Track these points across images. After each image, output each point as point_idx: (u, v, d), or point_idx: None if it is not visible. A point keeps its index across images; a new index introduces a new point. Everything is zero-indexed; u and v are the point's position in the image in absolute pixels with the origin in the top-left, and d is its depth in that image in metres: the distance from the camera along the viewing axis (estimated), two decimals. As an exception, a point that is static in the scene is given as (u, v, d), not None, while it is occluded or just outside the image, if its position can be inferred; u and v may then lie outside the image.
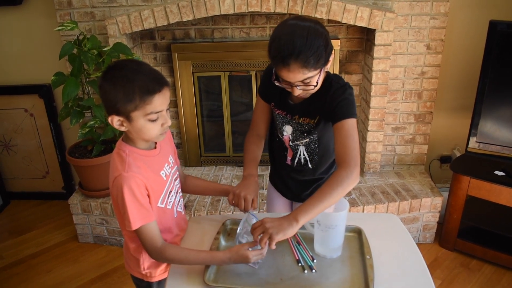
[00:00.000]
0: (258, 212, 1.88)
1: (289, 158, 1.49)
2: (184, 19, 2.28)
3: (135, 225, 1.14)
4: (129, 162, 1.15)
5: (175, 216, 1.35)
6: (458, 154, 2.74)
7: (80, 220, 2.55)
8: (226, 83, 2.65)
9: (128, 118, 1.12)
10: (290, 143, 1.45)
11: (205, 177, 2.75)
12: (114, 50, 2.23)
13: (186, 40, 2.57)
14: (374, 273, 1.13)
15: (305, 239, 1.29)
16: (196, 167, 2.88)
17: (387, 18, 2.24)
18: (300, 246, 1.27)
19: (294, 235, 1.30)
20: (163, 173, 1.26)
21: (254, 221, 1.22)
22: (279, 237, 1.11)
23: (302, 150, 1.45)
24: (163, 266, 1.36)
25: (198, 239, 1.33)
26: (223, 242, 1.30)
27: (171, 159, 1.33)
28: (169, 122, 1.17)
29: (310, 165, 1.47)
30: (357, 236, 1.31)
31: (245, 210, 1.29)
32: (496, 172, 2.28)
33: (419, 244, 2.52)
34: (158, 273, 1.37)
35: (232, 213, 2.33)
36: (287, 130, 1.43)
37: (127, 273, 2.33)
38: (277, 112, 1.44)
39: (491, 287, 2.22)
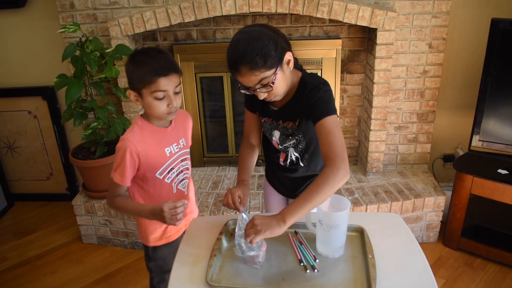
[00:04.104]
0: (261, 212, 1.89)
1: (281, 160, 1.53)
2: (186, 20, 2.29)
3: (123, 182, 1.38)
4: (134, 131, 1.37)
5: (174, 192, 1.50)
6: (461, 153, 2.73)
7: (83, 221, 2.56)
8: (228, 83, 2.66)
9: (140, 94, 1.33)
10: (280, 147, 1.49)
11: (208, 178, 2.76)
12: (117, 51, 2.24)
13: (188, 41, 2.58)
14: (376, 273, 1.13)
15: (307, 239, 1.29)
16: (199, 167, 2.89)
17: (388, 17, 2.24)
18: (302, 245, 1.27)
19: (297, 235, 1.31)
20: (168, 150, 1.43)
21: (245, 219, 1.24)
22: (266, 235, 1.14)
23: (291, 151, 1.48)
24: (158, 234, 1.53)
25: (200, 239, 1.33)
26: (225, 243, 1.31)
27: (182, 141, 1.49)
28: (175, 104, 1.33)
29: (301, 163, 1.50)
30: (359, 236, 1.31)
31: (234, 206, 1.34)
32: (499, 170, 2.28)
33: (422, 244, 2.52)
34: (152, 240, 1.54)
35: (235, 213, 2.33)
36: (275, 135, 1.48)
37: (131, 273, 2.36)
38: (263, 120, 1.49)
39: (495, 286, 2.21)
